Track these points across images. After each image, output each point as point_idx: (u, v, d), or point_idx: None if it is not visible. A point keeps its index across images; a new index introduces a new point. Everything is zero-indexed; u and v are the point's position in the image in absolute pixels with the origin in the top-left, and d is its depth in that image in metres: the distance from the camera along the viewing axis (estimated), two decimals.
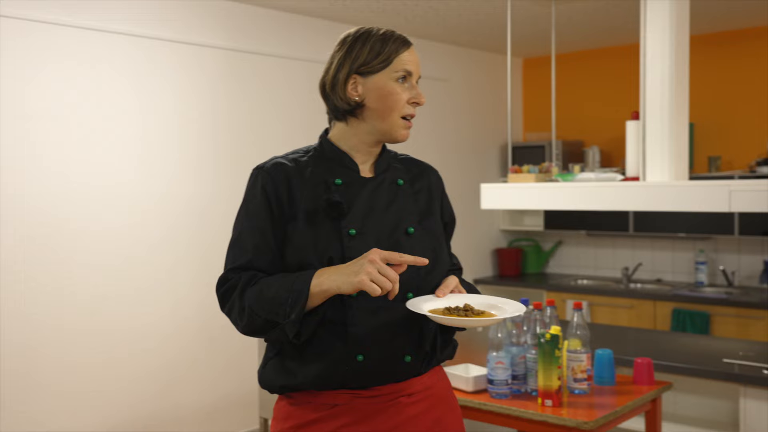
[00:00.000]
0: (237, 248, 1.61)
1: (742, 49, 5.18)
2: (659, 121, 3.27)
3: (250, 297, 1.53)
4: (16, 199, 3.47)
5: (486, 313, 1.57)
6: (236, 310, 1.56)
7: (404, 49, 1.62)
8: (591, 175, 3.51)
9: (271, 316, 1.50)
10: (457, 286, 1.63)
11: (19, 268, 3.47)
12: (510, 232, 6.25)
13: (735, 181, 2.97)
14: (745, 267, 5.12)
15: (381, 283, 1.43)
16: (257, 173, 1.64)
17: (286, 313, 1.49)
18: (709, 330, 4.65)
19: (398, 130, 1.62)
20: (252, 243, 1.59)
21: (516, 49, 5.86)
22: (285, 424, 1.64)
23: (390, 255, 1.46)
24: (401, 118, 1.62)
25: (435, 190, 1.76)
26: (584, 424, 2.31)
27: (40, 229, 3.54)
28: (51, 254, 3.58)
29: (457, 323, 1.52)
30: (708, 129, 5.26)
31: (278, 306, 1.50)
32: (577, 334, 2.62)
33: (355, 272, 1.45)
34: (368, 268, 1.43)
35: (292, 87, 4.60)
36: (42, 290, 3.55)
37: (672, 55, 3.24)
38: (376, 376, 1.59)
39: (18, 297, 3.47)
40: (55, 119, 3.60)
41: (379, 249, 1.48)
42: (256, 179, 1.63)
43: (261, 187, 1.61)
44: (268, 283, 1.54)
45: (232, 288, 1.58)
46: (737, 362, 2.92)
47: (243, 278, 1.56)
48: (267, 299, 1.51)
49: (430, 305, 1.55)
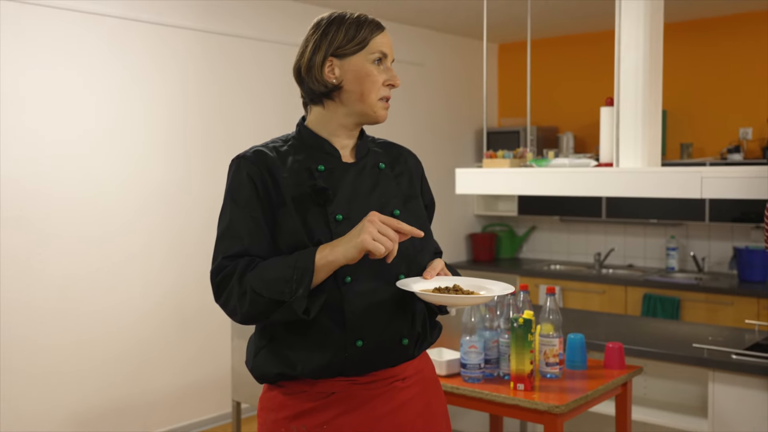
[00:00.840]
0: (229, 238, 1.57)
1: (714, 37, 5.23)
2: (633, 108, 3.28)
3: (251, 280, 1.50)
4: None
5: (475, 292, 1.59)
6: (235, 296, 1.51)
7: (378, 32, 1.62)
8: (565, 161, 3.52)
9: (277, 296, 1.47)
10: (443, 268, 1.64)
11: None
12: (484, 217, 6.27)
13: (707, 168, 2.99)
14: (715, 253, 5.19)
15: (382, 242, 1.45)
16: (239, 162, 1.60)
17: (292, 290, 1.47)
18: (680, 315, 4.71)
19: (377, 110, 1.62)
20: (245, 231, 1.56)
21: (491, 35, 5.85)
22: (279, 414, 1.61)
23: (388, 219, 1.48)
24: (379, 99, 1.61)
25: (415, 172, 1.77)
26: (555, 408, 2.32)
27: (8, 208, 3.47)
28: (19, 233, 3.51)
29: (449, 300, 1.54)
30: (680, 116, 5.30)
31: (284, 284, 1.47)
32: (550, 318, 2.63)
33: (356, 234, 1.46)
34: (369, 227, 1.45)
35: (262, 69, 4.55)
36: (9, 270, 3.48)
37: (646, 42, 3.25)
38: (374, 361, 1.59)
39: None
40: (23, 98, 3.52)
41: (375, 212, 1.49)
42: (239, 168, 1.60)
43: (246, 174, 1.58)
44: (268, 265, 1.51)
45: (229, 275, 1.53)
46: (706, 347, 2.95)
47: (240, 264, 1.53)
48: (271, 279, 1.48)
49: (419, 286, 1.57)
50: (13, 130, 3.49)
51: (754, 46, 5.00)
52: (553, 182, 3.40)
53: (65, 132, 3.69)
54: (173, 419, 4.16)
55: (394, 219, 1.49)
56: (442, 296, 1.53)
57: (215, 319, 4.28)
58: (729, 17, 5.15)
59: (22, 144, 3.53)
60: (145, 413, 4.02)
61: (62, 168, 3.68)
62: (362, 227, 1.46)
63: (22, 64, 3.50)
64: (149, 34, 3.99)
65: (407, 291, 1.56)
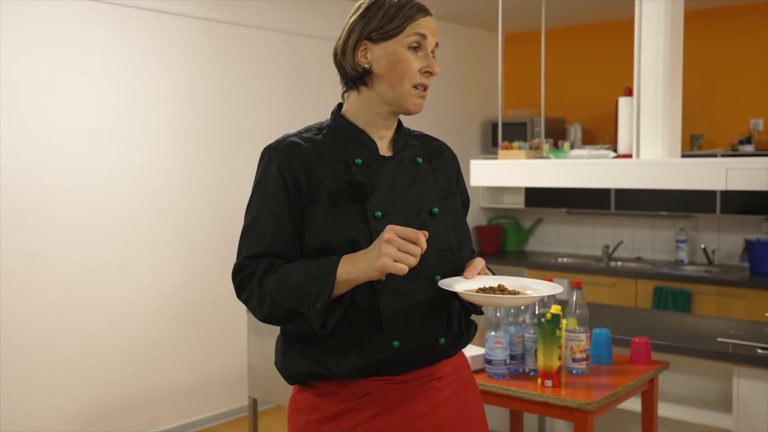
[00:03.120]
0: (253, 235, 1.50)
1: (725, 27, 5.17)
2: (653, 98, 3.23)
3: (270, 285, 1.44)
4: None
5: (520, 292, 1.52)
6: (255, 299, 1.46)
7: (421, 16, 1.53)
8: (583, 152, 3.46)
9: (294, 306, 1.42)
10: (483, 267, 1.57)
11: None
12: (490, 210, 6.21)
13: (730, 159, 2.94)
14: (725, 245, 5.15)
15: (404, 261, 1.36)
16: (270, 153, 1.53)
17: (310, 303, 1.41)
18: (691, 308, 4.68)
19: (409, 99, 1.53)
20: (269, 229, 1.49)
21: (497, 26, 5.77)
22: (311, 416, 1.55)
23: (405, 231, 1.37)
24: (413, 87, 1.53)
25: (451, 167, 1.69)
26: (587, 405, 2.27)
27: (13, 200, 3.39)
28: (25, 226, 3.43)
29: (495, 301, 1.48)
30: (690, 107, 5.24)
31: (302, 295, 1.41)
32: (576, 313, 2.58)
33: (375, 256, 1.37)
34: (386, 249, 1.35)
35: (270, 59, 4.46)
36: (15, 264, 3.41)
37: (667, 30, 3.19)
38: (411, 361, 1.53)
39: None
40: (30, 89, 3.44)
41: (393, 225, 1.39)
42: (270, 160, 1.52)
43: (277, 168, 1.51)
44: (289, 270, 1.44)
45: (249, 275, 1.47)
46: (731, 341, 2.91)
47: (261, 265, 1.46)
48: (289, 289, 1.42)
49: (462, 286, 1.50)
50: (17, 121, 3.40)
51: (765, 36, 4.95)
52: (571, 174, 3.35)
53: (71, 123, 3.60)
54: (183, 415, 4.09)
55: (410, 229, 1.38)
56: (487, 297, 1.47)
57: (225, 312, 4.21)
58: (739, 7, 5.09)
59: (27, 136, 3.44)
60: (154, 409, 3.96)
61: (68, 160, 3.59)
62: (380, 249, 1.36)
63: (27, 53, 3.41)
64: (156, 22, 3.90)
65: (447, 291, 1.50)
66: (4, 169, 3.36)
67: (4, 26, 3.34)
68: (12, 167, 3.39)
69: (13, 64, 3.38)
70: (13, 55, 3.37)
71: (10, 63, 3.37)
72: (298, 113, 4.56)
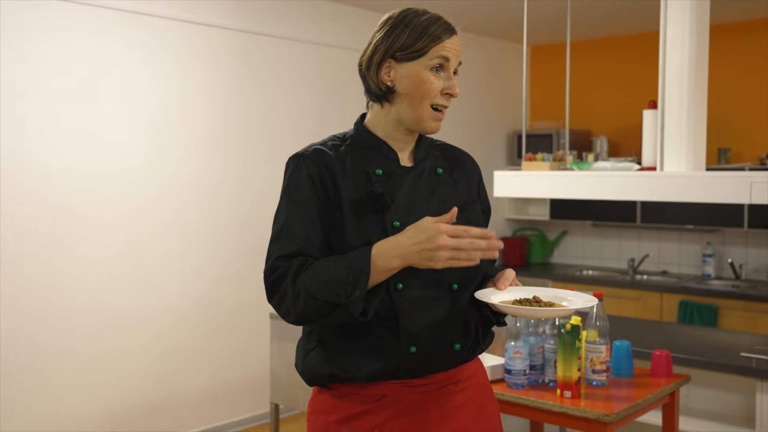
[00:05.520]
0: (284, 239, 1.53)
1: (754, 40, 5.13)
2: (678, 111, 3.22)
3: (305, 280, 1.46)
4: (16, 182, 3.40)
5: (556, 304, 1.55)
6: (289, 297, 1.48)
7: (446, 37, 1.56)
8: (607, 164, 3.46)
9: (332, 297, 1.44)
10: (514, 279, 1.60)
11: (22, 254, 3.41)
12: (515, 221, 6.21)
13: (756, 172, 2.92)
14: (753, 260, 5.09)
15: (462, 260, 1.41)
16: (298, 160, 1.57)
17: (348, 292, 1.43)
18: (717, 323, 4.63)
19: (427, 120, 1.57)
20: (302, 232, 1.52)
21: None
22: (329, 417, 1.58)
23: (455, 230, 1.41)
24: (432, 108, 1.56)
25: (472, 177, 1.72)
26: (605, 417, 2.27)
27: (44, 212, 3.48)
28: (57, 238, 3.52)
29: (531, 313, 1.52)
30: (717, 120, 5.20)
31: (338, 286, 1.44)
32: (596, 325, 2.58)
33: (428, 258, 1.41)
34: (443, 255, 1.40)
35: (301, 70, 4.53)
36: (47, 275, 3.49)
37: (693, 42, 3.19)
38: (428, 365, 1.56)
39: (20, 284, 3.41)
40: (61, 99, 3.53)
41: (440, 225, 1.41)
42: (298, 166, 1.56)
43: (306, 174, 1.55)
44: (322, 265, 1.48)
45: (282, 275, 1.50)
46: (755, 356, 2.88)
47: (294, 264, 1.50)
48: (325, 281, 1.45)
49: (498, 297, 1.54)
50: (46, 128, 3.50)
51: None
52: (595, 186, 3.35)
53: (100, 132, 3.69)
54: (207, 420, 4.15)
55: (460, 227, 1.41)
56: (525, 309, 1.51)
57: (251, 320, 4.27)
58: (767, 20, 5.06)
59: (54, 142, 3.53)
60: (180, 413, 4.02)
61: (97, 169, 3.68)
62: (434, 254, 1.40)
63: (61, 62, 3.51)
64: (188, 33, 3.99)
65: (467, 299, 1.54)
66: (33, 176, 3.45)
67: (33, 33, 3.44)
68: (48, 175, 3.48)
69: (45, 73, 3.47)
70: (42, 64, 3.47)
71: (39, 73, 3.46)
72: (325, 123, 4.61)
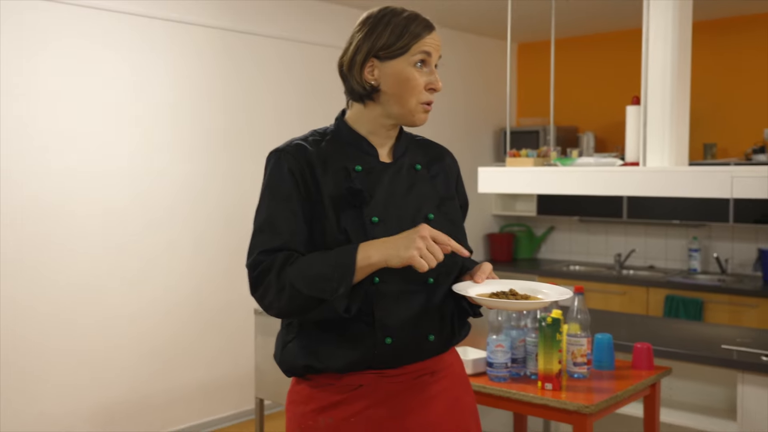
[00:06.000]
0: (268, 233, 1.55)
1: (740, 36, 5.17)
2: (660, 107, 3.24)
3: (290, 275, 1.48)
4: (5, 180, 3.40)
5: (532, 297, 1.58)
6: (273, 291, 1.50)
7: (426, 33, 1.57)
8: (590, 159, 3.48)
9: (316, 293, 1.46)
10: (491, 272, 1.63)
11: (10, 251, 3.41)
12: (502, 217, 6.23)
13: (736, 167, 2.95)
14: (738, 254, 5.13)
15: (428, 260, 1.44)
16: (279, 155, 1.58)
17: (333, 289, 1.45)
18: (702, 317, 4.66)
19: (416, 114, 1.59)
20: (286, 227, 1.54)
21: (511, 34, 5.81)
22: (306, 406, 1.61)
23: (439, 235, 1.46)
24: (419, 103, 1.58)
25: (451, 173, 1.75)
26: (585, 408, 2.29)
27: (32, 210, 3.48)
28: (43, 236, 3.52)
29: (508, 306, 1.55)
30: (703, 116, 5.25)
31: (324, 282, 1.46)
32: (578, 318, 2.60)
33: (405, 246, 1.44)
34: (419, 243, 1.43)
35: (286, 68, 4.54)
36: (34, 273, 3.49)
37: (675, 39, 3.21)
38: (403, 356, 1.59)
39: (10, 282, 3.41)
40: (48, 98, 3.53)
41: (428, 226, 1.47)
42: (279, 161, 1.58)
43: (287, 169, 1.56)
44: (308, 261, 1.50)
45: (267, 269, 1.51)
46: (736, 348, 2.91)
47: (279, 258, 1.51)
48: (311, 276, 1.47)
49: (475, 290, 1.57)
50: (28, 126, 3.49)
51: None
52: (578, 181, 3.37)
53: (84, 129, 3.69)
54: (195, 416, 4.16)
55: (444, 235, 1.47)
56: (501, 301, 1.54)
57: (237, 317, 4.27)
58: (754, 16, 5.09)
59: (37, 141, 3.53)
60: (166, 410, 4.02)
61: (86, 167, 3.68)
62: (411, 240, 1.44)
63: (41, 59, 3.51)
64: (173, 31, 3.99)
65: (440, 291, 1.57)
66: (22, 184, 3.45)
67: (20, 34, 3.44)
68: (29, 174, 3.48)
69: (28, 73, 3.47)
70: (29, 65, 3.47)
71: (26, 73, 3.46)
72: (311, 120, 4.59)
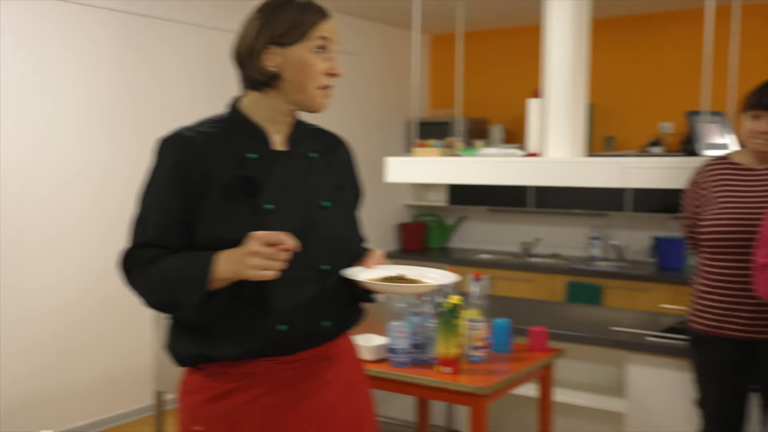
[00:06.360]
0: (142, 225, 1.56)
1: (639, 34, 5.40)
2: (559, 100, 3.37)
3: (152, 277, 1.51)
4: None
5: (420, 281, 1.63)
6: (140, 288, 1.54)
7: (322, 20, 1.58)
8: (493, 150, 3.61)
9: (172, 298, 1.49)
10: (382, 257, 1.68)
11: None
12: (414, 207, 6.33)
13: (627, 158, 3.11)
14: (635, 242, 5.38)
15: (271, 268, 1.43)
16: (164, 144, 1.57)
17: (186, 296, 1.47)
18: (601, 301, 4.88)
19: (316, 100, 1.60)
20: (157, 220, 1.54)
21: (423, 26, 5.89)
22: (199, 396, 1.60)
23: (270, 237, 1.42)
24: (319, 89, 1.59)
25: (346, 162, 1.77)
26: (480, 389, 2.38)
27: None
28: None
29: (396, 290, 1.60)
30: (606, 110, 5.47)
31: (179, 288, 1.48)
32: (477, 303, 2.69)
33: (244, 266, 1.43)
34: (251, 261, 1.42)
35: (193, 54, 4.46)
36: None
37: (572, 36, 3.34)
38: (296, 343, 1.60)
39: None
40: None
41: (257, 233, 1.43)
42: (163, 151, 1.56)
43: (170, 160, 1.55)
44: (169, 263, 1.51)
45: (134, 265, 1.54)
46: (624, 330, 3.07)
47: (145, 257, 1.52)
48: (168, 281, 1.49)
49: (365, 276, 1.61)
50: None
51: (675, 44, 5.20)
52: (481, 171, 3.47)
53: None
54: (90, 413, 4.04)
55: (276, 235, 1.43)
56: (390, 285, 1.59)
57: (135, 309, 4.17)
58: (653, 15, 5.33)
59: None
60: (61, 406, 3.90)
61: None
62: (244, 260, 1.42)
63: None
64: (67, 13, 3.86)
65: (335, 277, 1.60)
66: None
67: None
68: None
69: None
70: None
71: None
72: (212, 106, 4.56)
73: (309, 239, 1.55)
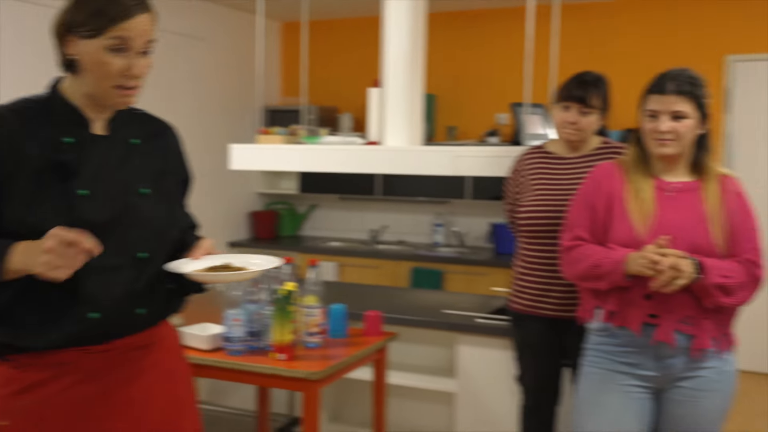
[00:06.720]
0: None
1: (476, 28, 5.66)
2: (397, 90, 3.48)
3: None
4: None
5: (245, 269, 1.66)
6: None
7: (127, 17, 1.47)
8: (335, 138, 3.65)
9: None
10: (210, 247, 1.67)
11: None
12: (266, 195, 6.29)
13: (458, 147, 3.27)
14: (475, 228, 5.66)
15: (64, 268, 1.38)
16: None
17: None
18: (442, 286, 5.09)
19: (112, 98, 1.55)
20: None
21: (275, 13, 5.86)
22: (6, 389, 1.53)
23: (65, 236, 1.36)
24: (114, 88, 1.52)
25: (172, 148, 1.74)
26: (312, 375, 2.43)
27: None
28: None
29: (221, 278, 1.63)
30: (448, 101, 5.69)
31: None
32: (313, 290, 2.74)
33: (36, 262, 1.37)
34: (43, 258, 1.36)
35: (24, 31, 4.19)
36: None
37: (409, 28, 3.45)
38: (110, 331, 1.57)
39: None
40: None
41: (55, 231, 1.37)
42: None
43: None
44: None
45: None
46: (454, 312, 3.24)
47: None
48: None
49: (190, 267, 1.62)
50: None
51: (504, 39, 5.47)
52: (323, 159, 3.51)
53: None
54: None
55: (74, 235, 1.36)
56: (213, 275, 1.62)
57: None
58: (483, 11, 5.60)
59: None
60: None
61: None
62: (37, 256, 1.37)
63: None
64: None
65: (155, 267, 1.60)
66: None
67: None
68: None
69: None
70: None
71: None
72: None
73: (125, 226, 1.54)
